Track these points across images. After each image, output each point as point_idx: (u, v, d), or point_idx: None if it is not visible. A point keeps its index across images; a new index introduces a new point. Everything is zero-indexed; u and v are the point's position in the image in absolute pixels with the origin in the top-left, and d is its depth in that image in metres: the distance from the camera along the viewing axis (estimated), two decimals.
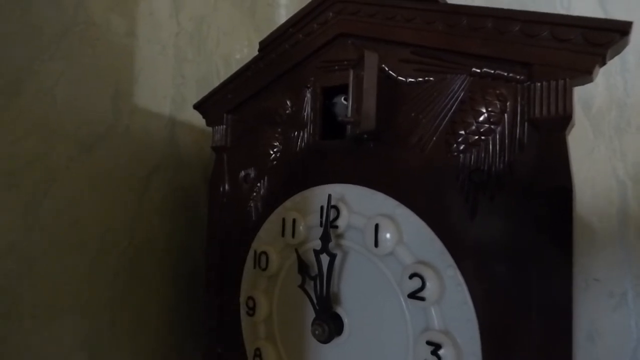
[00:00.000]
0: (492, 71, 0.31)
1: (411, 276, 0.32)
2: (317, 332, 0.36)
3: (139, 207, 0.53)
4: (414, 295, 0.32)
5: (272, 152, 0.44)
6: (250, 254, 0.44)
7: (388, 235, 0.34)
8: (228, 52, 0.68)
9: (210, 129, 0.49)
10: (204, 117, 0.50)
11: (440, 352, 0.30)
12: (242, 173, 0.47)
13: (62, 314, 0.45)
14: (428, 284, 0.31)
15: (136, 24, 0.53)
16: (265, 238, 0.43)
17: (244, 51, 0.70)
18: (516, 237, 0.29)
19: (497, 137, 0.31)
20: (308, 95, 0.42)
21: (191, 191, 0.59)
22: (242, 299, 0.44)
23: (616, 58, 0.29)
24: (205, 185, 0.49)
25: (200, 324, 0.49)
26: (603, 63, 0.28)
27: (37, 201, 0.43)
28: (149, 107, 0.54)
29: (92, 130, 0.48)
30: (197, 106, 0.50)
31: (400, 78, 0.36)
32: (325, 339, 0.36)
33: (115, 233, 0.50)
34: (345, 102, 0.40)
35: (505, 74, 0.30)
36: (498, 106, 0.31)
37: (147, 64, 0.54)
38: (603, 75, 0.47)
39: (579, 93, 0.47)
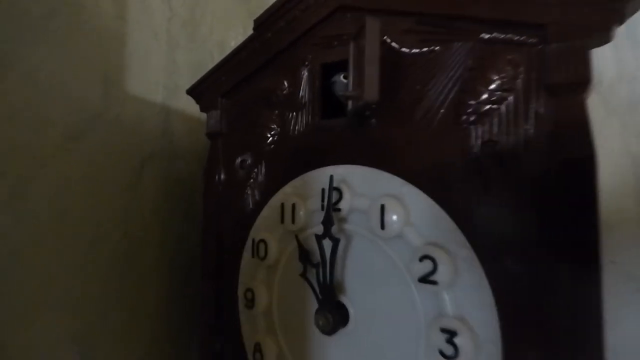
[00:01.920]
0: (503, 35, 0.29)
1: (421, 259, 0.30)
2: (320, 322, 0.34)
3: (132, 198, 0.51)
4: (425, 279, 0.30)
5: (269, 136, 0.42)
6: (248, 243, 0.42)
7: (395, 217, 0.32)
8: (222, 39, 0.65)
9: (204, 116, 0.47)
10: (197, 102, 0.48)
11: (456, 339, 0.28)
12: (239, 159, 0.45)
13: (52, 308, 0.43)
14: (440, 267, 0.29)
15: (126, 7, 0.50)
16: (264, 225, 0.41)
17: (239, 38, 0.68)
18: (535, 211, 0.27)
19: (511, 105, 0.28)
20: (305, 73, 0.39)
21: (187, 181, 0.57)
22: (241, 291, 0.42)
23: (624, 32, 0.27)
24: (201, 174, 0.47)
25: (198, 318, 0.47)
26: (622, 21, 0.26)
27: (23, 190, 0.41)
28: (140, 95, 0.52)
29: (81, 117, 0.46)
30: (190, 91, 0.48)
31: (403, 50, 0.33)
32: (330, 330, 0.34)
33: (107, 224, 0.48)
34: (345, 80, 0.37)
35: (517, 37, 0.28)
36: (510, 72, 0.28)
37: (138, 50, 0.52)
38: (612, 49, 0.45)
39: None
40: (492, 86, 0.29)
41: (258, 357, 0.39)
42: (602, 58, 0.46)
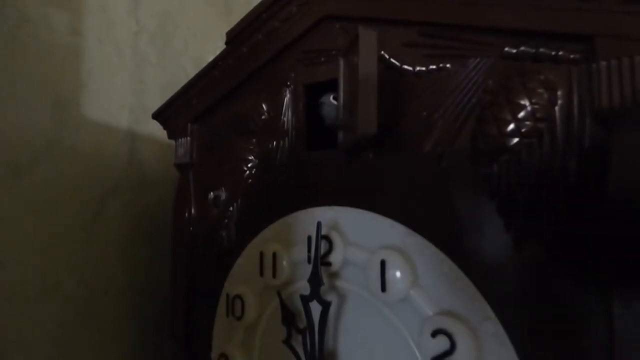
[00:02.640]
0: (534, 50, 0.23)
1: (434, 333, 0.23)
2: None
3: (89, 239, 0.44)
4: (439, 358, 0.23)
5: (245, 169, 0.36)
6: (223, 297, 0.35)
7: (398, 274, 0.25)
8: (199, 55, 0.59)
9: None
10: (164, 128, 0.42)
11: None
12: (212, 195, 0.38)
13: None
14: (459, 345, 0.22)
15: (82, 20, 0.44)
16: (240, 277, 0.34)
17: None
18: (580, 271, 0.21)
19: (547, 138, 0.22)
20: (288, 95, 0.33)
21: (157, 216, 0.50)
22: (214, 356, 0.35)
23: None
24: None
25: None
26: None
27: None
28: (101, 119, 0.45)
29: (27, 148, 0.39)
30: (156, 115, 0.41)
31: (405, 67, 0.27)
32: None
33: (59, 272, 0.41)
34: (335, 102, 0.31)
35: (553, 52, 0.22)
36: (545, 96, 0.22)
37: (98, 68, 0.45)
38: None
39: None
40: (522, 114, 0.23)
41: None
42: None
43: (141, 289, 0.48)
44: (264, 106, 0.35)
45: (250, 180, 0.35)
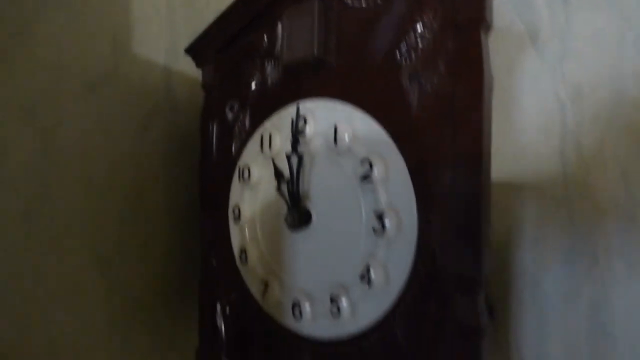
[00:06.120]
0: None
1: (362, 162, 0.39)
2: (288, 220, 0.43)
3: (141, 144, 0.60)
4: (365, 177, 0.38)
5: (252, 83, 0.51)
6: (236, 171, 0.51)
7: (346, 135, 0.40)
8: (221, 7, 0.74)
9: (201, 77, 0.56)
10: (193, 59, 0.57)
11: (384, 220, 0.37)
12: (229, 104, 0.53)
13: (76, 236, 0.52)
14: (375, 167, 0.38)
15: None
16: (248, 155, 0.50)
17: None
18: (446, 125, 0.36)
19: (430, 43, 0.37)
20: (280, 27, 0.48)
21: (187, 132, 0.66)
22: (230, 209, 0.51)
23: None
24: (199, 124, 0.56)
25: (198, 239, 0.56)
26: None
27: (51, 133, 0.50)
28: (144, 56, 0.61)
29: (95, 72, 0.55)
30: (188, 49, 0.56)
31: (354, 5, 0.42)
32: (296, 227, 0.43)
33: (121, 165, 0.57)
34: None
35: None
36: (431, 16, 0.37)
37: (142, 14, 0.60)
38: (547, 9, 0.52)
39: (527, 26, 0.53)
40: (419, 29, 0.37)
41: (243, 258, 0.49)
42: (538, 16, 0.54)
43: (178, 185, 0.64)
44: (265, 36, 0.49)
45: (255, 91, 0.51)
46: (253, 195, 0.49)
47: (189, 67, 0.63)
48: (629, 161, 0.46)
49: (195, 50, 0.56)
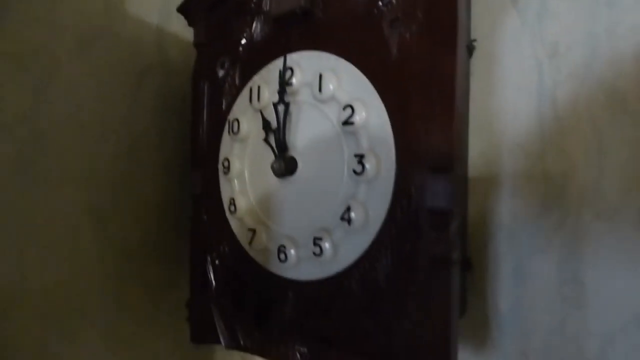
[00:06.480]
0: None
1: (344, 108, 0.41)
2: (275, 168, 0.45)
3: (134, 101, 0.61)
4: (346, 122, 0.40)
5: (242, 39, 0.52)
6: (226, 124, 0.53)
7: (330, 85, 0.42)
8: None
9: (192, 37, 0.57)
10: (185, 18, 0.58)
11: (364, 161, 0.39)
12: (219, 62, 0.55)
13: (69, 184, 0.54)
14: (356, 112, 0.40)
15: None
16: (238, 108, 0.52)
17: None
18: (418, 65, 0.38)
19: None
20: None
21: (179, 90, 0.67)
22: (220, 161, 0.53)
23: None
24: (190, 82, 0.57)
25: (190, 190, 0.58)
26: None
27: (44, 84, 0.51)
28: (137, 15, 0.62)
29: (88, 30, 0.56)
30: (180, 8, 0.58)
31: None
32: (282, 173, 0.45)
33: (114, 121, 0.59)
34: None
35: None
36: None
37: None
38: None
39: None
40: None
41: (232, 209, 0.51)
42: None
43: (170, 140, 0.66)
44: None
45: (245, 46, 0.52)
46: (242, 147, 0.51)
47: (181, 28, 0.65)
48: (601, 117, 0.48)
49: (187, 9, 0.57)
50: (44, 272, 0.52)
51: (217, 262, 0.55)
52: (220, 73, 0.55)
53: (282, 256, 0.46)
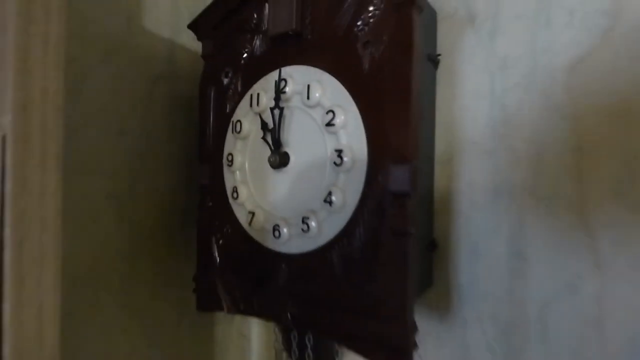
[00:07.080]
0: None
1: (327, 112, 0.51)
2: (271, 160, 0.55)
3: (148, 104, 0.71)
4: (328, 124, 0.50)
5: (244, 54, 0.62)
6: (230, 125, 0.63)
7: (316, 93, 0.52)
8: None
9: (200, 50, 0.67)
10: (194, 33, 0.68)
11: (342, 155, 0.49)
12: (224, 72, 0.65)
13: (91, 173, 0.63)
14: (337, 115, 0.50)
15: None
16: (240, 111, 0.62)
17: None
18: (383, 78, 0.48)
19: (378, 20, 0.48)
20: (267, 8, 0.59)
21: (187, 96, 0.77)
22: (224, 157, 0.63)
23: None
24: (198, 89, 0.67)
25: (198, 182, 0.68)
26: None
27: (77, 89, 0.61)
28: (153, 30, 0.72)
29: (113, 42, 0.66)
30: (190, 25, 0.67)
31: None
32: (277, 165, 0.55)
33: (132, 120, 0.68)
34: None
35: None
36: (378, 2, 0.48)
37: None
38: None
39: (467, 11, 0.64)
40: (370, 11, 0.49)
41: (235, 195, 0.61)
42: (476, 2, 0.65)
43: (179, 138, 0.76)
44: (254, 14, 0.61)
45: (246, 60, 0.62)
46: (243, 144, 0.61)
47: (190, 41, 0.75)
48: (540, 117, 0.59)
49: (196, 26, 0.67)
50: (66, 248, 0.61)
51: (221, 241, 0.65)
52: (225, 81, 0.65)
53: (277, 234, 0.56)
